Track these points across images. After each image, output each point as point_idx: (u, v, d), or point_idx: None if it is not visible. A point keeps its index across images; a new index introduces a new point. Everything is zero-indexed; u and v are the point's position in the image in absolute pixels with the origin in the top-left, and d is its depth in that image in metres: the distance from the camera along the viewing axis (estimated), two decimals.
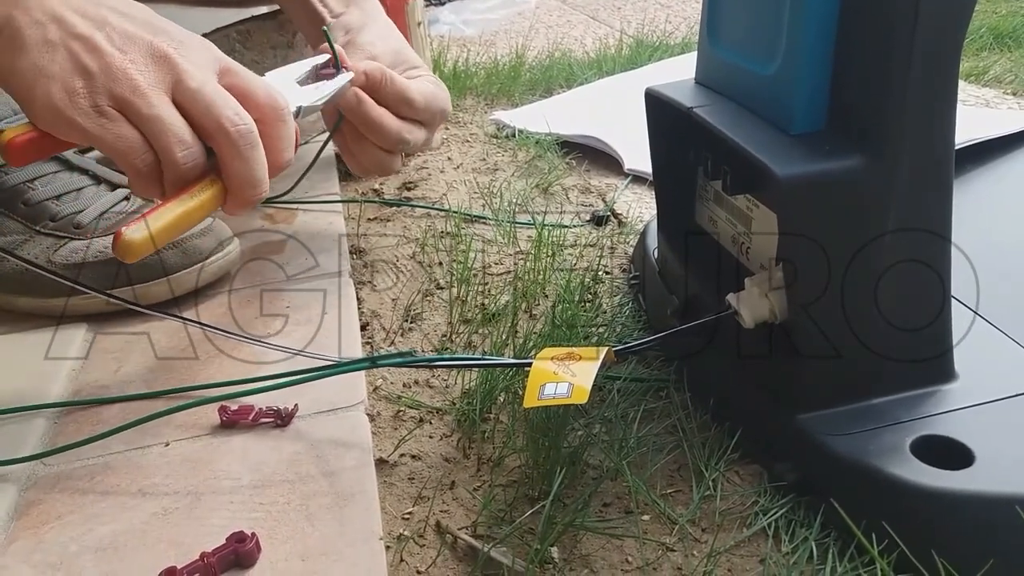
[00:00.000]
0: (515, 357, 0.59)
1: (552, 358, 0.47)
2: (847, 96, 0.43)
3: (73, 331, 0.70)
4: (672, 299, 0.61)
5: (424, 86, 0.73)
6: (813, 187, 0.43)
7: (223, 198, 0.53)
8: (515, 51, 1.45)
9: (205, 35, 0.99)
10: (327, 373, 0.54)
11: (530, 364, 0.49)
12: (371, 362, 0.54)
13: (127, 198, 0.77)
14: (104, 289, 0.73)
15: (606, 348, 0.48)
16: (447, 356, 0.58)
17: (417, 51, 1.03)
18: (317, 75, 0.67)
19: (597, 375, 0.45)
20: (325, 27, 0.69)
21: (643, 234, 0.73)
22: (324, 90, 0.65)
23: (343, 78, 0.66)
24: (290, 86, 0.64)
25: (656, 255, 0.67)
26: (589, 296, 0.70)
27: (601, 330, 0.64)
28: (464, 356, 0.59)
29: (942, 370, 0.48)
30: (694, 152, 0.58)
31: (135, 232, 0.50)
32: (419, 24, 1.03)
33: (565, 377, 0.45)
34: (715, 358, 0.54)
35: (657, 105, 0.56)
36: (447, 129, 1.15)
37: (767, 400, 0.49)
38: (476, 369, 0.58)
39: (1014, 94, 1.15)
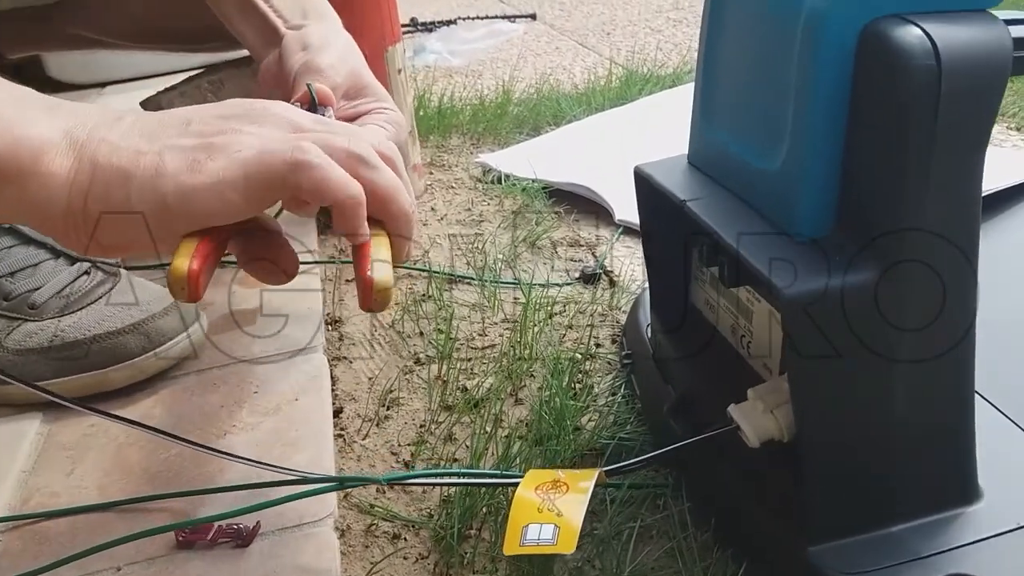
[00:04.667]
0: (498, 462, 0.54)
1: (537, 487, 0.42)
2: (859, 199, 0.39)
3: (27, 423, 0.66)
4: (668, 390, 0.56)
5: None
6: (823, 305, 0.38)
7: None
8: (502, 85, 1.40)
9: (174, 87, 0.95)
10: (289, 497, 0.50)
11: (513, 482, 0.44)
12: (339, 483, 0.49)
13: (87, 272, 0.73)
14: (64, 376, 0.68)
15: (596, 472, 0.43)
16: (421, 472, 0.53)
17: (397, 100, 0.98)
18: None
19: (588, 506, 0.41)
20: (309, 82, 0.63)
21: (635, 306, 0.68)
22: None
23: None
24: None
25: (649, 334, 0.62)
26: (579, 376, 0.65)
27: (592, 422, 0.59)
28: (439, 471, 0.54)
29: (965, 489, 0.44)
30: (688, 234, 0.53)
31: (384, 273, 0.42)
32: (400, 71, 0.98)
33: (551, 516, 0.40)
34: (716, 467, 0.49)
35: (646, 186, 0.52)
36: (431, 174, 1.11)
37: (775, 526, 0.44)
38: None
39: (1018, 129, 1.10)
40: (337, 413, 0.66)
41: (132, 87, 1.83)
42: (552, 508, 0.40)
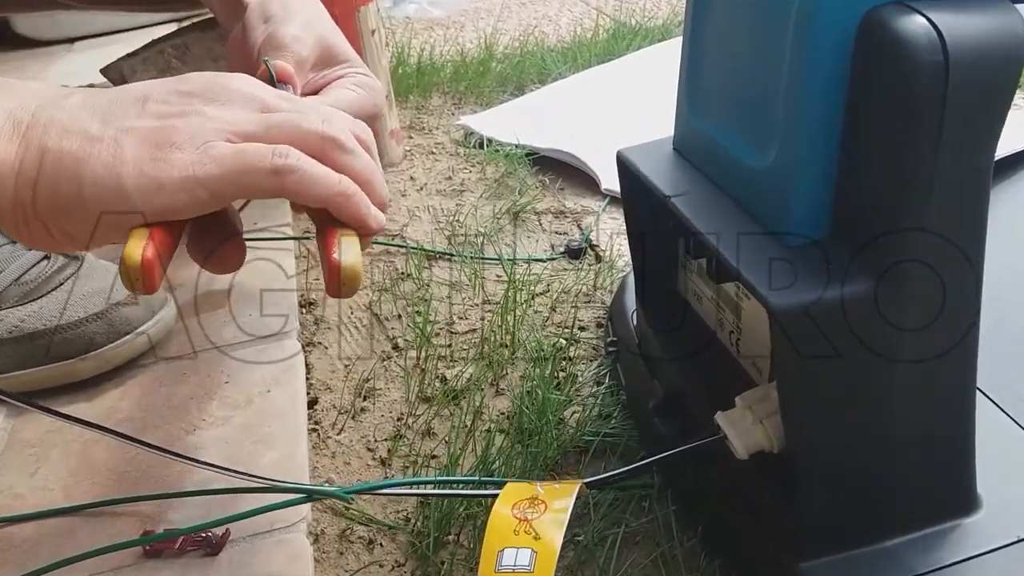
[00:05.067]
0: (477, 464, 0.52)
1: (515, 504, 0.40)
2: (856, 201, 0.36)
3: None
4: (654, 385, 0.54)
5: (356, 100, 0.62)
6: (818, 317, 0.35)
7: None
8: (484, 40, 1.35)
9: (137, 53, 0.90)
10: (257, 510, 0.48)
11: (491, 494, 0.42)
12: (308, 496, 0.47)
13: (47, 256, 0.69)
14: (28, 367, 0.65)
15: (576, 487, 0.41)
16: (394, 482, 0.51)
17: (371, 63, 0.93)
18: None
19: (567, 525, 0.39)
20: (266, 58, 0.59)
21: (621, 290, 0.66)
22: None
23: None
24: None
25: (635, 322, 0.60)
26: (563, 363, 0.63)
27: (575, 415, 0.57)
28: (412, 480, 0.52)
29: (964, 499, 0.42)
30: (673, 223, 0.50)
31: (352, 255, 0.39)
32: (373, 32, 0.93)
33: (527, 539, 0.38)
34: (703, 473, 0.47)
35: (629, 174, 0.49)
36: (410, 138, 1.07)
37: (764, 539, 0.43)
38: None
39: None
40: (312, 404, 0.64)
41: (102, 42, 1.76)
42: (529, 531, 0.38)
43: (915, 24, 0.32)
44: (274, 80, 0.55)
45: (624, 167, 0.49)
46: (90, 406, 0.64)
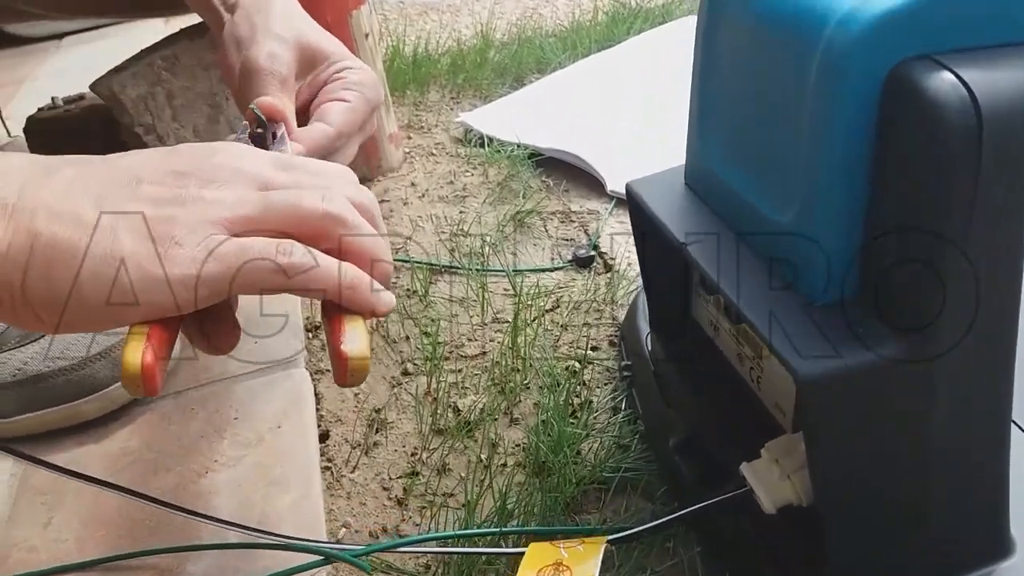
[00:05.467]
0: (495, 513, 0.51)
1: (539, 570, 0.39)
2: (884, 260, 0.34)
3: None
4: (672, 416, 0.53)
5: (350, 112, 0.59)
6: (842, 384, 0.34)
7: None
8: (481, 27, 1.32)
9: (126, 67, 0.88)
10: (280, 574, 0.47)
11: (513, 552, 0.41)
12: (325, 559, 0.46)
13: None
14: (33, 411, 0.64)
15: (601, 548, 0.40)
16: (414, 539, 0.50)
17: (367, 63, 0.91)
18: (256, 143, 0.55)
19: None
20: (252, 105, 0.57)
21: (633, 311, 0.64)
22: None
23: (288, 148, 0.55)
24: None
25: (649, 347, 0.58)
26: (576, 387, 0.62)
27: (592, 447, 0.56)
28: (432, 536, 0.51)
29: (997, 543, 0.41)
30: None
31: (359, 344, 0.38)
32: (367, 35, 0.91)
33: None
34: (728, 520, 0.46)
35: (640, 210, 0.47)
36: (409, 138, 1.05)
37: None
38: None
39: None
40: (323, 438, 0.63)
41: (90, 37, 1.73)
42: None
43: (944, 83, 0.31)
44: (265, 124, 0.53)
45: (635, 202, 0.48)
46: (99, 448, 0.63)
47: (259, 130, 0.54)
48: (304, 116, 0.58)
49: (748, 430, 0.46)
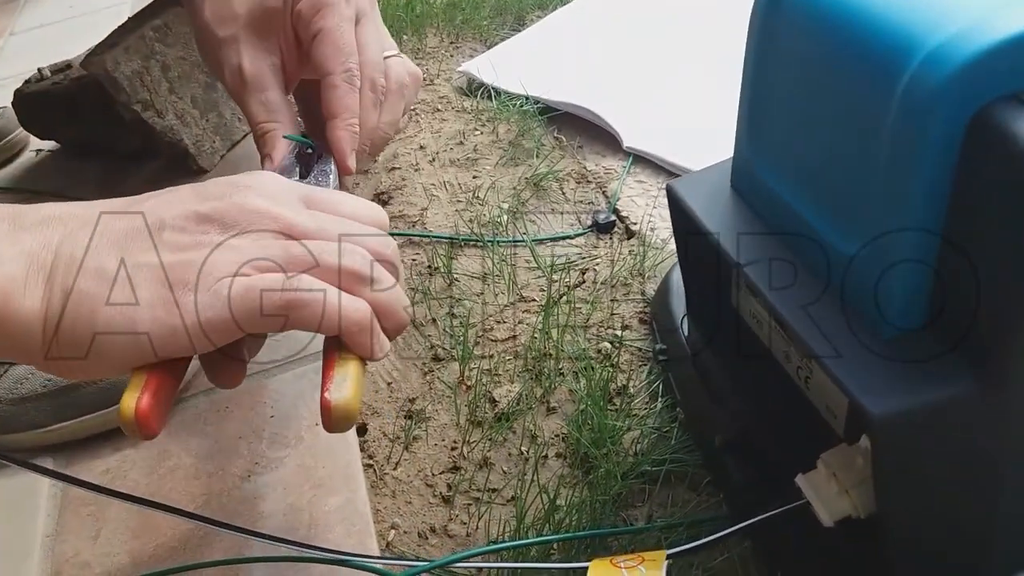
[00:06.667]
0: (543, 522, 0.52)
1: None
2: (959, 296, 0.34)
3: (38, 476, 0.62)
4: (714, 409, 0.53)
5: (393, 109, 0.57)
6: (915, 421, 0.34)
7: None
8: None
9: (117, 42, 0.84)
10: None
11: (573, 566, 0.42)
12: None
13: None
14: (65, 420, 0.64)
15: (663, 562, 0.41)
16: (465, 554, 0.50)
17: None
18: (303, 161, 0.54)
19: None
20: (286, 135, 0.54)
21: (664, 289, 0.63)
22: (325, 187, 0.51)
23: (333, 168, 0.53)
24: None
25: (686, 332, 0.58)
26: (611, 369, 0.62)
27: (633, 436, 0.56)
28: (487, 549, 0.51)
29: None
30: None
31: (344, 394, 0.39)
32: None
33: None
34: (783, 527, 0.47)
35: (684, 215, 0.46)
36: None
37: None
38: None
39: None
40: (361, 431, 0.63)
41: None
42: None
43: None
44: (314, 146, 0.52)
45: (678, 205, 0.46)
46: (137, 453, 0.63)
47: (308, 151, 0.54)
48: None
49: (799, 431, 0.46)
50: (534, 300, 0.70)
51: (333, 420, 0.39)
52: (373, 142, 0.54)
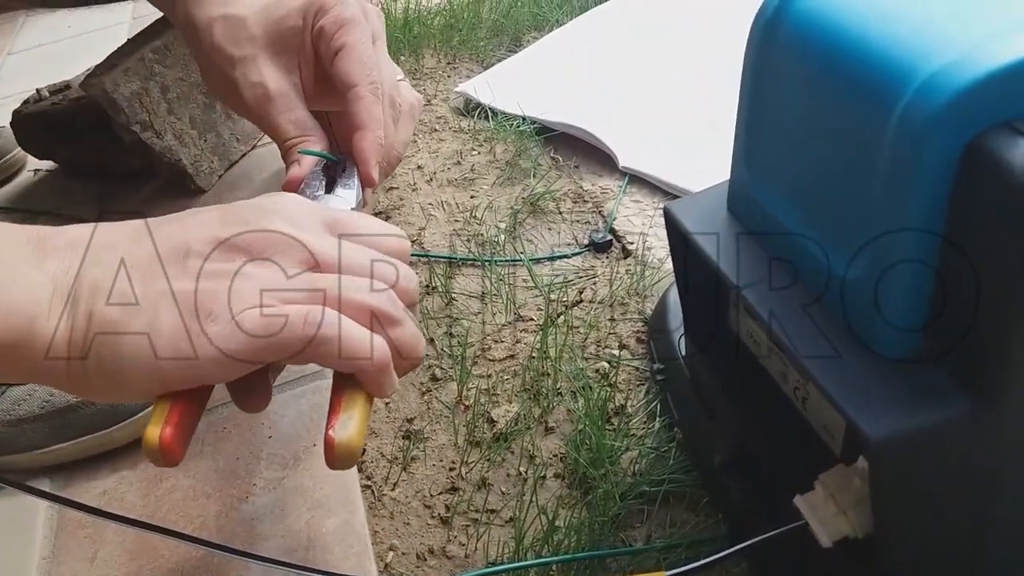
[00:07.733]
0: (543, 541, 0.52)
1: None
2: (956, 318, 0.34)
3: (34, 498, 0.62)
4: (712, 428, 0.53)
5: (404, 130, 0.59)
6: (913, 442, 0.34)
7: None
8: None
9: (117, 63, 0.84)
10: None
11: None
12: None
13: None
14: (64, 441, 0.64)
15: None
16: (464, 575, 0.50)
17: None
18: (327, 174, 0.54)
19: None
20: (301, 149, 0.54)
21: (662, 308, 0.64)
22: (349, 200, 0.53)
23: (356, 179, 0.54)
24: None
25: (683, 351, 0.58)
26: (608, 389, 0.62)
27: (631, 455, 0.57)
28: (488, 571, 0.51)
29: None
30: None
31: (348, 432, 0.39)
32: None
33: None
34: (783, 548, 0.47)
35: (682, 239, 0.46)
36: None
37: None
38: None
39: None
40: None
41: None
42: None
43: None
44: (339, 161, 0.53)
45: (675, 227, 0.47)
46: (135, 474, 0.63)
47: (333, 164, 0.54)
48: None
49: (796, 451, 0.46)
50: (532, 319, 0.70)
51: (336, 458, 0.39)
52: (388, 160, 0.55)
